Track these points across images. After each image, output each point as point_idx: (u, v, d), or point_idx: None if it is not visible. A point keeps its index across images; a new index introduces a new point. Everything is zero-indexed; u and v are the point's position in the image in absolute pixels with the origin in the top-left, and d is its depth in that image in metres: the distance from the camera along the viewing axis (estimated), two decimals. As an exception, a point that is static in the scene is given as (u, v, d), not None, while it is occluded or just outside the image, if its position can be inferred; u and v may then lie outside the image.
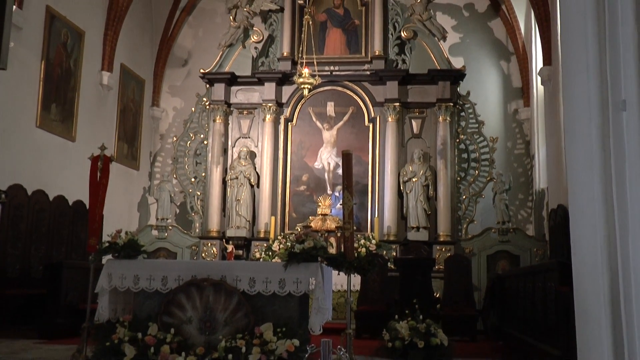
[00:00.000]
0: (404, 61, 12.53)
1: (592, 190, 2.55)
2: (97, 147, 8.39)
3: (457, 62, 12.80)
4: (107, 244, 6.04)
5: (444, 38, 12.54)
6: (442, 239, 11.66)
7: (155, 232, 12.30)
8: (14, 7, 8.86)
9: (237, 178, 12.16)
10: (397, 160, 12.03)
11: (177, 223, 12.95)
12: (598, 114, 2.43)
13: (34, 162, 9.95)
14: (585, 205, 2.60)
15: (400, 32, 12.64)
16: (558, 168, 10.49)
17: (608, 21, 2.35)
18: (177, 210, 13.54)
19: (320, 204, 11.82)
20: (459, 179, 12.20)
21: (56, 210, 10.25)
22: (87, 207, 8.52)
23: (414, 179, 11.80)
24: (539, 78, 12.00)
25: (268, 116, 12.39)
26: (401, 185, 11.93)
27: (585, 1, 2.44)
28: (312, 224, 11.56)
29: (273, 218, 12.00)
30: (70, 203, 10.64)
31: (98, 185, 6.55)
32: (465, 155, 12.39)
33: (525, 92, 13.51)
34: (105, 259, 6.35)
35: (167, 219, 12.42)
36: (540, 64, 11.90)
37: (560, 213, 10.12)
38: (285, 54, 12.70)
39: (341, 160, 6.47)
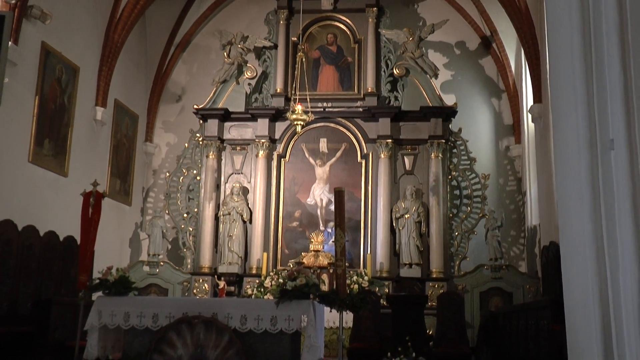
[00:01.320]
0: (396, 98, 12.64)
1: (582, 228, 2.55)
2: (89, 182, 8.39)
3: (449, 99, 12.91)
4: (97, 281, 6.01)
5: (436, 75, 12.68)
6: (434, 276, 11.63)
7: (146, 268, 12.21)
8: (10, 43, 8.93)
9: (229, 214, 12.14)
10: (390, 197, 12.05)
11: (169, 259, 12.89)
12: (587, 152, 2.45)
13: (26, 197, 9.92)
14: (576, 243, 2.61)
15: (392, 69, 12.77)
16: (549, 205, 10.53)
17: (595, 61, 2.39)
18: (169, 246, 13.48)
19: (312, 240, 11.80)
20: (451, 215, 12.21)
21: (46, 246, 10.17)
22: (78, 243, 8.48)
23: (406, 216, 11.81)
24: (529, 115, 12.12)
25: (261, 152, 12.43)
26: (394, 222, 11.93)
27: (573, 41, 2.48)
28: (305, 260, 11.52)
29: (265, 254, 11.96)
30: (61, 239, 10.56)
31: (90, 221, 6.55)
32: (457, 192, 12.43)
33: (516, 129, 13.61)
34: (95, 295, 6.30)
35: (158, 255, 12.35)
36: (530, 102, 12.03)
37: (552, 250, 10.13)
38: (278, 90, 12.80)
39: (333, 197, 6.48)
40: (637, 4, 2.28)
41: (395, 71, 12.74)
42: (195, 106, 12.81)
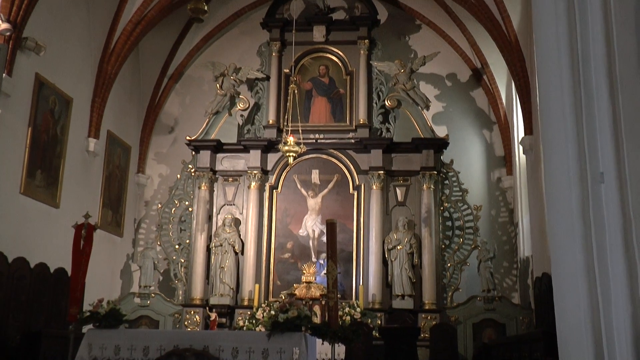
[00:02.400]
0: (388, 130, 12.70)
1: (574, 260, 2.57)
2: (81, 214, 8.36)
3: (441, 131, 12.98)
4: (88, 313, 5.96)
5: (428, 107, 12.76)
6: (427, 307, 11.57)
7: (137, 300, 12.12)
8: (4, 74, 8.96)
9: (221, 245, 12.10)
10: (382, 228, 12.04)
11: (160, 290, 12.79)
12: (577, 185, 2.47)
13: (17, 229, 9.85)
14: (568, 275, 2.62)
15: (384, 101, 12.85)
16: (542, 236, 10.54)
17: (584, 96, 2.42)
18: (161, 278, 13.38)
19: (304, 271, 11.75)
20: (443, 246, 12.20)
21: (37, 277, 10.08)
22: (69, 274, 8.41)
23: (398, 247, 11.80)
24: (520, 147, 12.18)
25: (253, 183, 12.43)
26: (386, 253, 11.91)
27: (562, 77, 2.52)
28: (297, 292, 11.46)
29: (257, 286, 11.89)
30: (52, 270, 10.48)
31: (81, 253, 6.52)
32: (449, 223, 12.44)
33: (507, 160, 13.67)
34: (85, 328, 6.25)
35: (150, 287, 12.27)
36: (521, 133, 12.10)
37: (545, 281, 10.12)
38: (270, 121, 12.85)
39: (325, 229, 6.48)
40: (624, 41, 2.33)
41: (387, 103, 12.82)
42: (187, 137, 12.84)
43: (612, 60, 2.37)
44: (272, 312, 10.09)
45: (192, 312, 11.92)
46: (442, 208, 12.35)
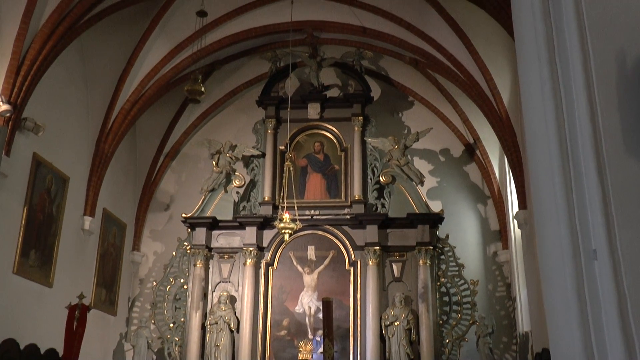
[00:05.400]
0: (383, 205, 12.75)
1: (571, 337, 2.56)
2: (74, 293, 8.29)
3: (435, 206, 13.04)
4: (79, 396, 5.83)
5: (422, 182, 12.85)
6: (426, 385, 11.36)
7: (130, 381, 11.87)
8: (2, 155, 9.03)
9: (216, 323, 11.95)
10: (379, 304, 11.94)
11: (154, 371, 12.54)
12: (571, 262, 2.49)
13: (8, 309, 9.67)
14: (566, 352, 2.60)
15: (379, 177, 12.95)
16: (540, 311, 10.44)
17: (573, 175, 2.47)
18: (154, 357, 13.12)
19: (301, 349, 11.59)
20: (441, 322, 12.07)
21: (27, 359, 9.86)
22: (60, 355, 8.26)
23: (395, 323, 11.67)
24: (515, 221, 12.21)
25: (249, 260, 12.37)
26: (383, 329, 11.77)
27: (551, 155, 2.57)
28: (293, 371, 11.27)
29: (253, 365, 11.69)
30: (43, 352, 10.25)
31: (74, 335, 6.43)
32: (446, 299, 12.33)
33: (503, 234, 13.67)
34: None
35: (143, 367, 12.04)
36: (516, 208, 12.15)
37: (545, 357, 9.97)
38: (266, 198, 12.90)
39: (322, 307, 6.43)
40: (609, 118, 2.39)
41: (382, 178, 12.92)
42: (183, 215, 12.85)
43: (598, 137, 2.43)
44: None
45: (186, 393, 11.66)
46: (438, 283, 12.27)
